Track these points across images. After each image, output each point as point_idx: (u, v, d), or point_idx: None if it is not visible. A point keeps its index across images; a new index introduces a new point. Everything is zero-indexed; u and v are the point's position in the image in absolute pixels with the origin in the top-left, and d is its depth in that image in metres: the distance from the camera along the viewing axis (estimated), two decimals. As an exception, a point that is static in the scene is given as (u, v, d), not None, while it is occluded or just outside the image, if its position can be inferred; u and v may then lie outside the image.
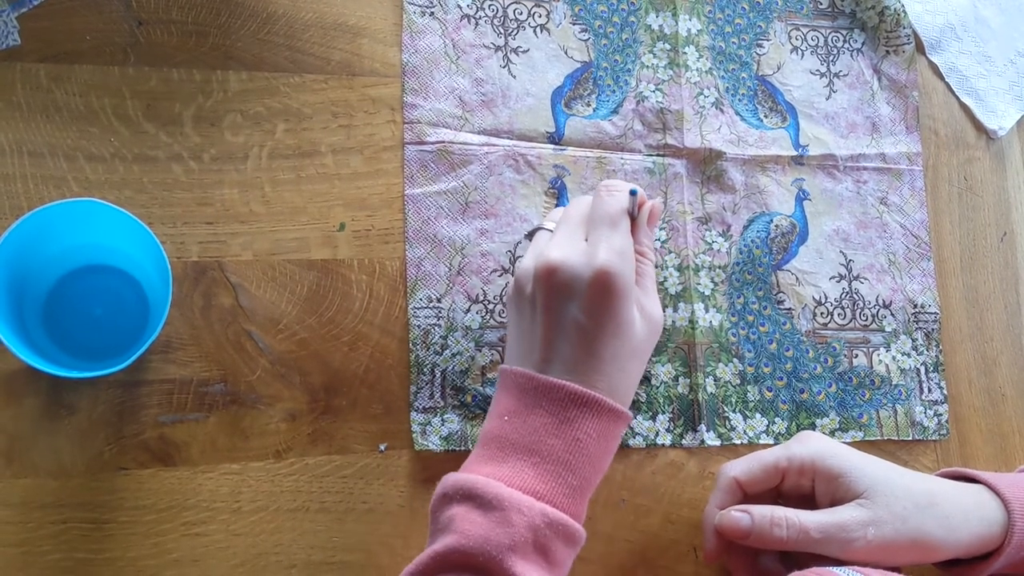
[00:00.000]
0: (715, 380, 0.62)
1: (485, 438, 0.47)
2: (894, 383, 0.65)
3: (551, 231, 0.51)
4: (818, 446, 0.54)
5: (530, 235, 0.54)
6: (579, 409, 0.46)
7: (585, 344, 0.46)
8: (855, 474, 0.52)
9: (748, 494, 0.55)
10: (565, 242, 0.48)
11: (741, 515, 0.52)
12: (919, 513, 0.51)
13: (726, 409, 0.62)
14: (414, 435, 0.56)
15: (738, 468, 0.55)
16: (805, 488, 0.54)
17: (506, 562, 0.41)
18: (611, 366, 0.47)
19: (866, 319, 0.66)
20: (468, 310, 0.59)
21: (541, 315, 0.47)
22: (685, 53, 0.66)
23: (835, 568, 0.46)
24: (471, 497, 0.43)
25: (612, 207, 0.49)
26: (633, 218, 0.51)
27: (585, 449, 0.45)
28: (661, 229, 0.63)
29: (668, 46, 0.66)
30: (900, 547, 0.50)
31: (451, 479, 0.45)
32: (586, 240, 0.49)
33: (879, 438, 0.64)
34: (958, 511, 0.52)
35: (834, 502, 0.52)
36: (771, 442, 0.62)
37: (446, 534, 0.43)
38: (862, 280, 0.66)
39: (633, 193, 0.50)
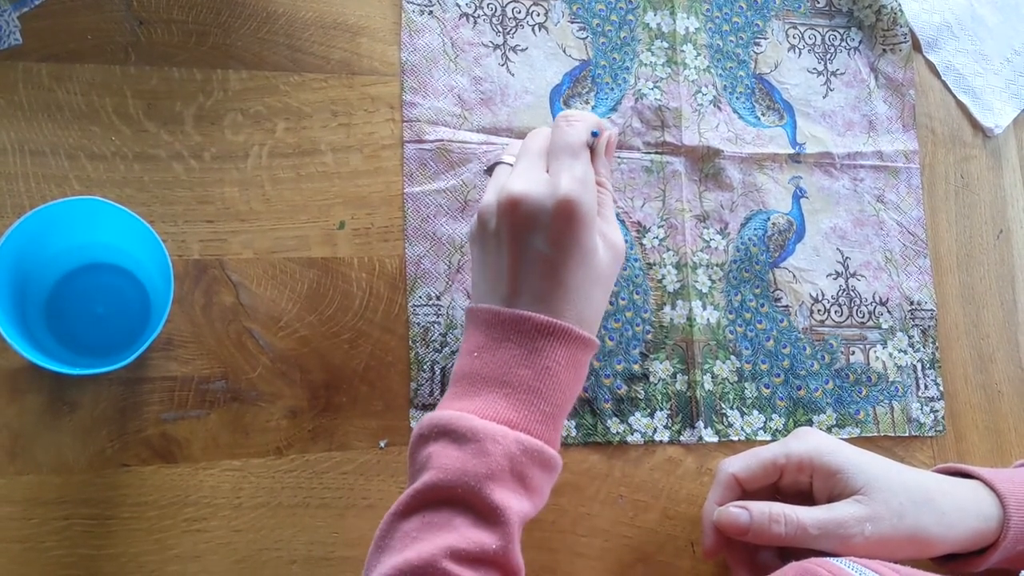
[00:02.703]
0: (713, 377, 0.62)
1: (457, 376, 0.47)
2: (891, 380, 0.66)
3: (511, 164, 0.51)
4: (816, 442, 0.54)
5: (489, 169, 0.53)
6: (547, 339, 0.46)
7: (551, 274, 0.46)
8: (852, 470, 0.52)
9: (746, 490, 0.55)
10: (527, 174, 0.48)
11: (740, 511, 0.52)
12: (916, 509, 0.51)
13: (724, 406, 0.62)
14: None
15: (736, 465, 0.55)
16: (803, 484, 0.54)
17: (484, 490, 0.42)
18: (577, 295, 0.47)
19: (863, 316, 0.66)
20: (467, 307, 0.59)
21: (506, 248, 0.47)
22: (683, 51, 0.67)
23: (834, 559, 0.47)
24: (446, 433, 0.44)
25: (572, 137, 0.49)
26: (592, 149, 0.50)
27: (555, 376, 0.46)
28: (659, 227, 0.64)
29: (666, 44, 0.67)
30: (897, 542, 0.51)
31: (426, 419, 0.45)
32: (547, 171, 0.48)
33: (876, 434, 0.64)
34: (954, 507, 0.52)
35: (831, 498, 0.53)
36: (768, 438, 0.62)
37: (424, 471, 0.43)
38: (859, 277, 0.67)
39: (595, 134, 0.50)
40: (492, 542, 0.42)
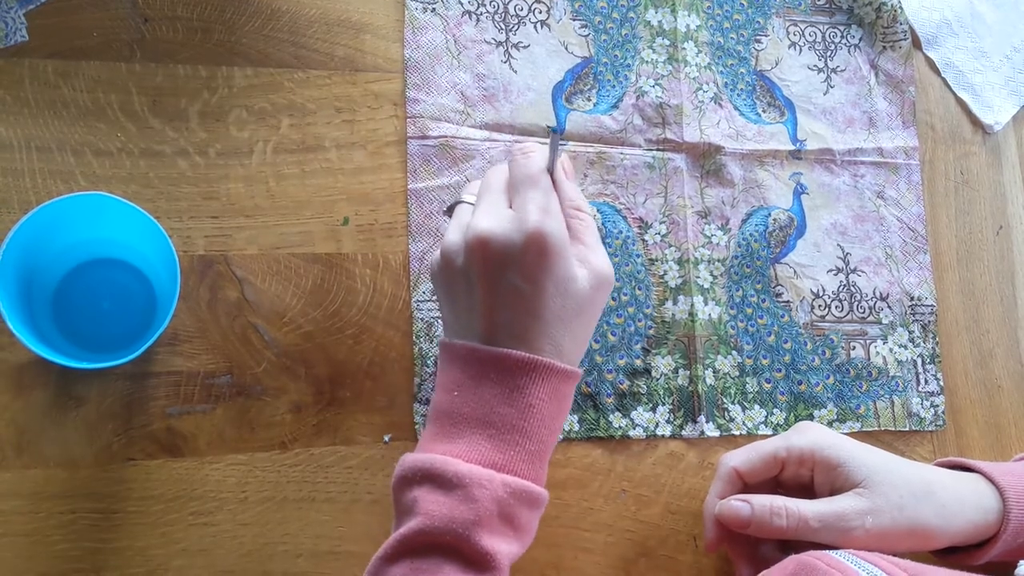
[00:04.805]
0: (714, 372, 0.63)
1: (436, 413, 0.47)
2: (891, 375, 0.66)
3: (472, 203, 0.50)
4: (816, 436, 0.54)
5: (449, 210, 0.52)
6: (528, 375, 0.45)
7: (527, 309, 0.45)
8: (853, 463, 0.52)
9: (748, 484, 0.55)
10: (491, 210, 0.47)
11: (741, 505, 0.53)
12: (916, 502, 0.52)
13: (725, 400, 0.62)
14: (417, 426, 0.57)
15: (738, 458, 0.55)
16: (804, 478, 0.55)
17: (473, 536, 0.42)
18: (556, 327, 0.46)
19: (863, 311, 0.67)
20: (471, 303, 0.59)
21: (478, 287, 0.46)
22: (684, 48, 0.67)
23: (832, 552, 0.47)
24: (431, 478, 0.43)
25: (531, 167, 0.48)
26: (552, 177, 0.49)
27: (538, 414, 0.45)
28: (661, 223, 0.64)
29: (667, 41, 0.67)
30: (897, 535, 0.51)
31: (409, 460, 0.45)
32: (511, 206, 0.48)
33: (876, 429, 0.65)
34: (954, 500, 0.53)
35: (833, 491, 0.53)
36: (769, 433, 0.62)
37: (411, 517, 0.43)
38: (859, 273, 0.67)
39: (555, 130, 0.50)
40: None
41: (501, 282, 0.46)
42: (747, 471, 0.55)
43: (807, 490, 0.55)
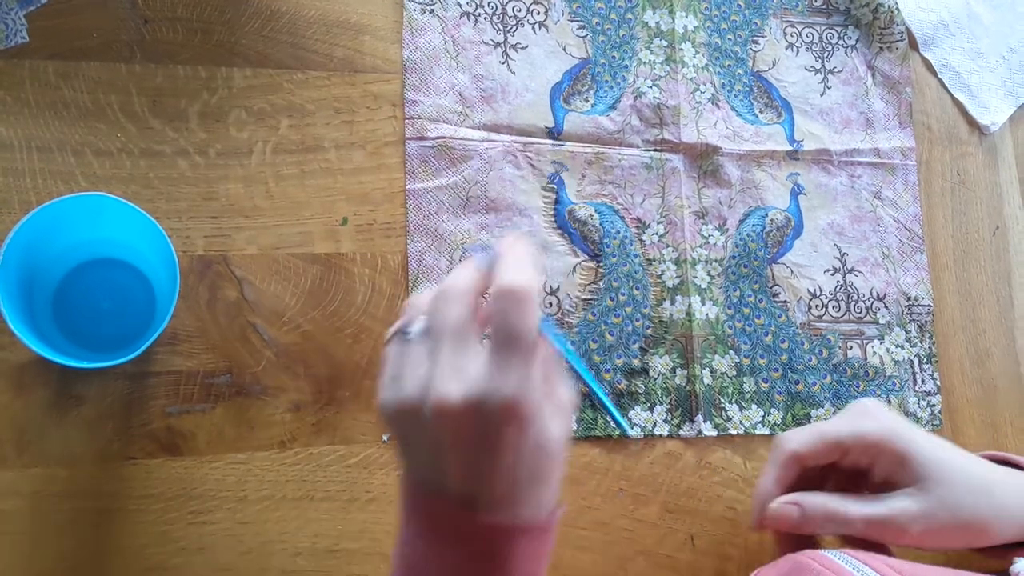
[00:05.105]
0: (712, 372, 0.63)
1: (403, 569, 0.42)
2: (888, 374, 0.66)
3: (417, 334, 0.41)
4: (889, 425, 0.52)
5: (393, 338, 0.42)
6: (507, 543, 0.41)
7: (502, 473, 0.40)
8: (917, 460, 0.51)
9: (804, 466, 0.54)
10: (457, 365, 0.39)
11: (792, 509, 0.52)
12: (974, 501, 0.51)
13: (723, 400, 0.63)
14: (416, 425, 0.57)
15: (798, 441, 0.53)
16: (862, 464, 0.53)
17: None
18: (532, 484, 0.41)
19: (860, 311, 0.67)
20: (469, 303, 0.60)
21: (448, 450, 0.40)
22: (682, 49, 0.67)
23: (827, 552, 0.47)
24: None
25: (525, 325, 0.39)
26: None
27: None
28: (659, 223, 0.64)
29: (665, 42, 0.67)
30: (951, 533, 0.51)
31: None
32: (480, 350, 0.40)
33: (873, 428, 0.65)
34: (1012, 499, 0.52)
35: (887, 482, 0.52)
36: (767, 432, 0.63)
37: None
38: (856, 273, 0.67)
39: (477, 249, 0.42)
40: None
41: (472, 448, 0.39)
42: (807, 455, 0.53)
43: (861, 474, 0.54)
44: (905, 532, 0.50)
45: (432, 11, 0.63)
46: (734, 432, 0.62)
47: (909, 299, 0.68)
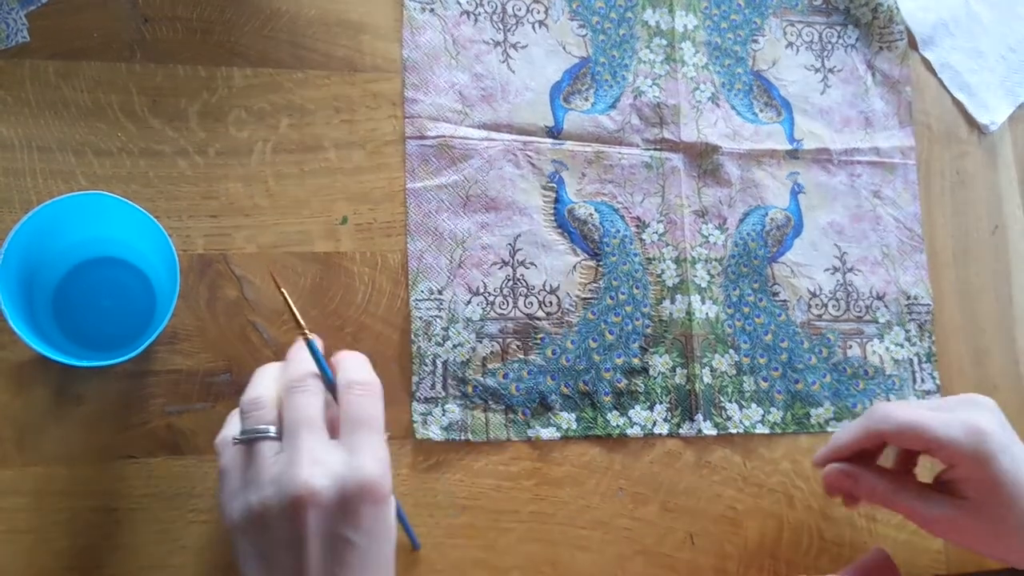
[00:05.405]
0: (712, 371, 0.63)
1: None
2: (888, 373, 0.66)
3: (273, 436, 0.42)
4: (985, 447, 0.50)
5: (241, 441, 0.43)
6: None
7: (363, 564, 0.41)
8: (1002, 490, 0.50)
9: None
10: (317, 454, 0.40)
11: (846, 480, 0.55)
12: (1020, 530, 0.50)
13: (722, 399, 0.63)
14: (415, 425, 0.57)
15: (895, 423, 0.52)
16: (941, 461, 0.52)
17: None
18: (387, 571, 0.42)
19: (860, 310, 0.67)
20: (469, 302, 0.60)
21: (308, 549, 0.39)
22: (681, 48, 0.67)
23: None
24: None
25: (372, 409, 0.43)
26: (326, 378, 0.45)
27: None
28: (659, 222, 0.64)
29: (664, 42, 0.67)
30: (985, 543, 0.52)
31: None
32: (332, 439, 0.42)
33: (873, 427, 0.65)
34: None
35: (944, 477, 0.53)
36: (767, 431, 0.63)
37: None
38: (856, 272, 0.67)
39: (311, 346, 0.45)
40: None
41: (337, 541, 0.40)
42: (895, 439, 0.53)
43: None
44: (947, 534, 0.52)
45: (432, 10, 0.63)
46: (734, 431, 0.62)
47: (909, 298, 0.68)
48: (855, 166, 0.69)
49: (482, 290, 0.60)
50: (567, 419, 0.60)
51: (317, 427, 0.42)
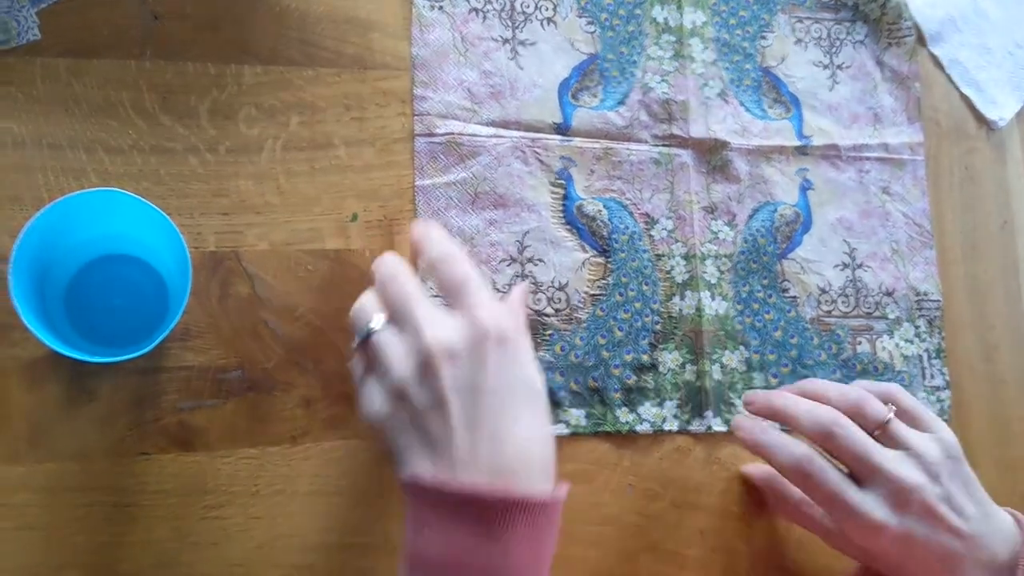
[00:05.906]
0: (721, 367, 0.63)
1: (408, 558, 0.43)
2: (897, 369, 0.66)
3: (385, 328, 0.45)
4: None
5: (360, 344, 0.46)
6: (502, 515, 0.41)
7: (498, 429, 0.42)
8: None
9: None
10: (437, 319, 0.44)
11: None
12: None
13: (732, 395, 0.63)
14: (427, 421, 0.57)
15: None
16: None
17: None
18: (530, 443, 0.44)
19: (869, 307, 0.67)
20: (479, 298, 0.60)
21: (444, 397, 0.42)
22: (690, 45, 0.67)
23: None
24: None
25: (461, 270, 0.46)
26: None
27: (517, 560, 0.41)
28: (668, 218, 0.64)
29: (673, 38, 0.67)
30: (922, 560, 0.50)
31: None
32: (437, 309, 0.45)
33: (882, 423, 0.65)
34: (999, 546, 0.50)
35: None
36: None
37: None
38: (865, 268, 0.67)
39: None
40: None
41: (474, 390, 0.42)
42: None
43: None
44: (879, 535, 0.49)
45: (441, 7, 0.63)
46: (743, 427, 0.62)
47: (918, 294, 0.68)
48: (864, 162, 0.69)
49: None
50: (576, 416, 0.60)
51: (423, 300, 0.45)
